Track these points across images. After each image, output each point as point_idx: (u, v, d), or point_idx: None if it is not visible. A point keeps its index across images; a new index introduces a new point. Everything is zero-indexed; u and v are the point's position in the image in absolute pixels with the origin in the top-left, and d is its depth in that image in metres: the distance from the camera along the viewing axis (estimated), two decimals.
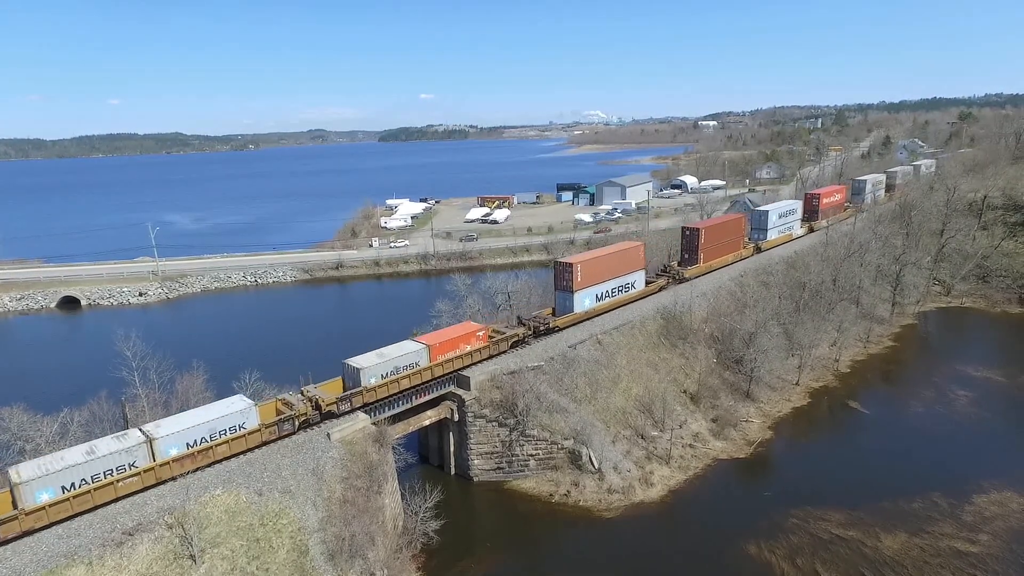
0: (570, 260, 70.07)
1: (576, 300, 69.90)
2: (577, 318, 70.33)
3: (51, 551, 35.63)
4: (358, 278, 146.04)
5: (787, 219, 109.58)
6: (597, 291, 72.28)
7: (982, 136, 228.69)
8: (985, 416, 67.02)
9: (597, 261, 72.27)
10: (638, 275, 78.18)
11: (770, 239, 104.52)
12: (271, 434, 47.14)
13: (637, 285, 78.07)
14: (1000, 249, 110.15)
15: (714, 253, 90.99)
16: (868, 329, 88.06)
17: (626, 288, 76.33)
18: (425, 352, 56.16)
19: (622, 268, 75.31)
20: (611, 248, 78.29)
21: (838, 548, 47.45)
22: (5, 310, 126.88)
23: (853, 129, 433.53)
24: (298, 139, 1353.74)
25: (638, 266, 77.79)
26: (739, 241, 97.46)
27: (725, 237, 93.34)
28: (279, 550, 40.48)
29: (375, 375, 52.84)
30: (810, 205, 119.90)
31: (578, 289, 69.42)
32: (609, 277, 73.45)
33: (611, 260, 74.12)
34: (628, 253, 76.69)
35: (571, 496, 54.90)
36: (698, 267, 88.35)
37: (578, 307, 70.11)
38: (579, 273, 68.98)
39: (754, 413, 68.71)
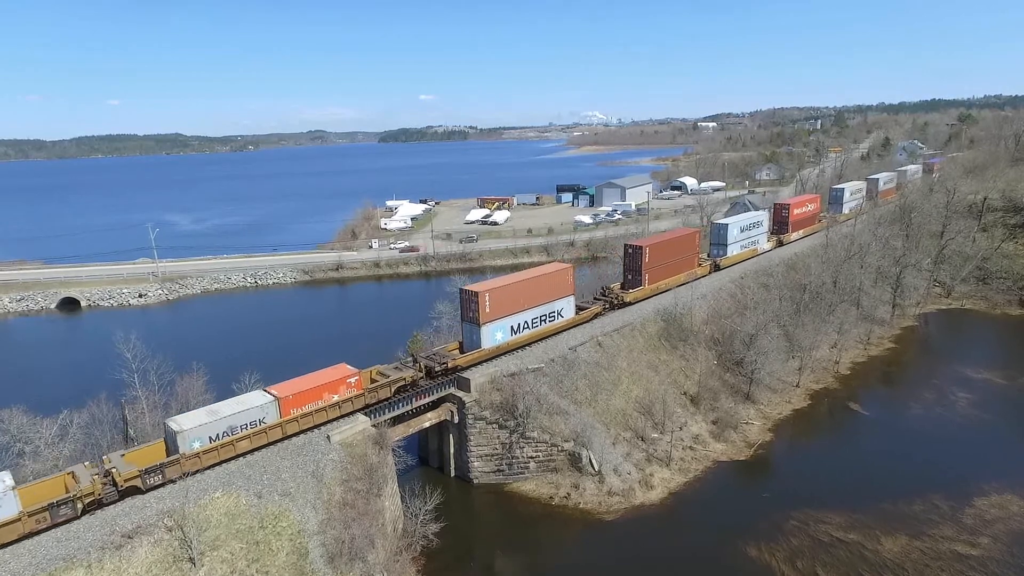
0: (476, 288, 60.58)
1: (484, 334, 60.28)
2: (485, 355, 60.57)
3: (50, 554, 35.55)
4: (358, 279, 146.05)
5: (751, 232, 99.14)
6: (512, 323, 62.61)
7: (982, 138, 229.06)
8: (985, 418, 66.97)
9: (511, 288, 62.52)
10: (566, 302, 68.43)
11: (731, 255, 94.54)
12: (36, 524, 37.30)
13: (565, 313, 68.50)
14: (1000, 251, 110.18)
15: (662, 273, 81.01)
16: (868, 331, 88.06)
17: (552, 317, 66.91)
18: (274, 406, 47.26)
19: (546, 294, 65.83)
20: (532, 272, 68.19)
21: (838, 550, 47.38)
22: (5, 311, 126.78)
23: (852, 130, 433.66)
24: (298, 140, 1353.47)
25: (566, 291, 68.12)
26: (693, 259, 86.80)
27: (675, 255, 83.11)
28: (279, 553, 40.41)
29: (200, 438, 44.09)
30: (779, 217, 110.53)
31: (486, 321, 59.84)
32: (528, 305, 63.94)
33: (530, 286, 64.45)
34: (553, 277, 67.11)
35: (571, 498, 54.81)
36: (642, 290, 78.60)
37: (487, 342, 60.58)
38: (487, 303, 59.47)
39: (754, 415, 68.66)
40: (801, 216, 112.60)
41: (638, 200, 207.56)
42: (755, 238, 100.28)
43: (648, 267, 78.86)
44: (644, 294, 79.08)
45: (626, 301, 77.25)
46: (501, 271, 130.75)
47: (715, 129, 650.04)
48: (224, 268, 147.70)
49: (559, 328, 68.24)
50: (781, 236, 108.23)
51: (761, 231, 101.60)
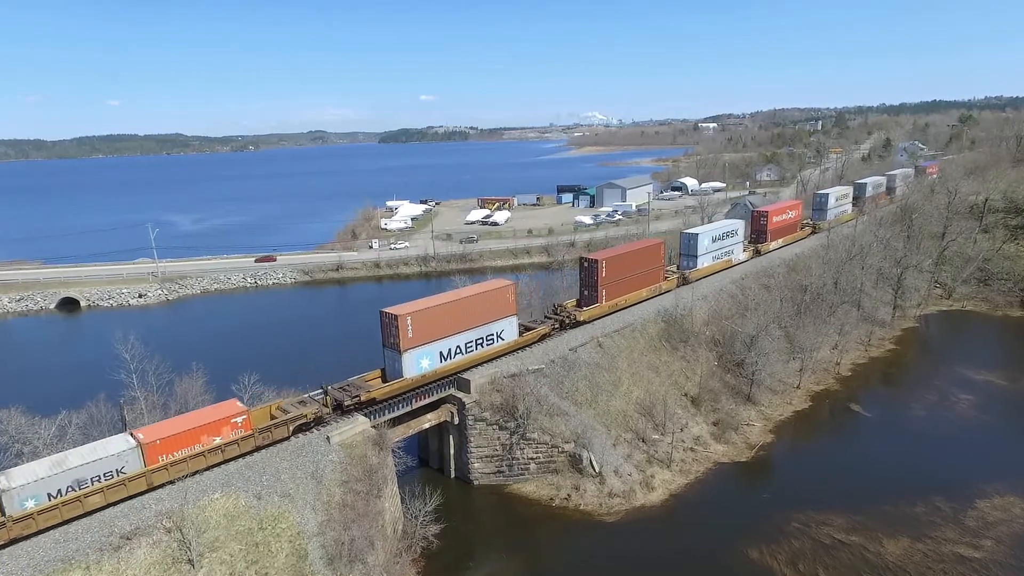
0: (396, 310, 53.96)
1: (407, 362, 54.02)
2: (406, 385, 54.30)
3: (48, 556, 35.36)
4: (358, 280, 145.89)
5: (725, 242, 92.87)
6: (441, 348, 56.38)
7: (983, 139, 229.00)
8: (987, 420, 66.79)
9: (439, 310, 56.30)
10: (507, 323, 62.13)
11: (701, 267, 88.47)
12: None
13: (507, 335, 62.29)
14: (1001, 252, 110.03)
15: (621, 288, 75.04)
16: (869, 332, 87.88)
17: (490, 340, 60.71)
18: (136, 453, 40.81)
19: (482, 315, 59.54)
20: (465, 291, 61.66)
21: (840, 553, 47.20)
22: (4, 311, 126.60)
23: (853, 131, 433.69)
24: (298, 140, 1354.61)
25: (506, 311, 61.89)
26: (658, 272, 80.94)
27: (637, 268, 77.02)
28: (278, 554, 40.22)
29: (37, 496, 37.33)
30: (757, 225, 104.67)
31: (409, 348, 53.79)
32: (461, 328, 57.89)
33: (463, 307, 58.19)
34: (491, 297, 60.60)
35: (572, 500, 54.63)
36: (599, 307, 72.71)
37: (410, 370, 54.33)
38: (409, 326, 53.37)
39: (755, 416, 68.46)
40: (781, 224, 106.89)
41: (639, 201, 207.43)
42: (729, 248, 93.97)
43: (605, 282, 72.46)
44: (600, 312, 72.92)
45: (579, 320, 70.73)
46: (502, 271, 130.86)
47: (716, 130, 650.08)
48: (224, 268, 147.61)
49: (499, 352, 61.80)
50: (759, 245, 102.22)
51: (736, 240, 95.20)
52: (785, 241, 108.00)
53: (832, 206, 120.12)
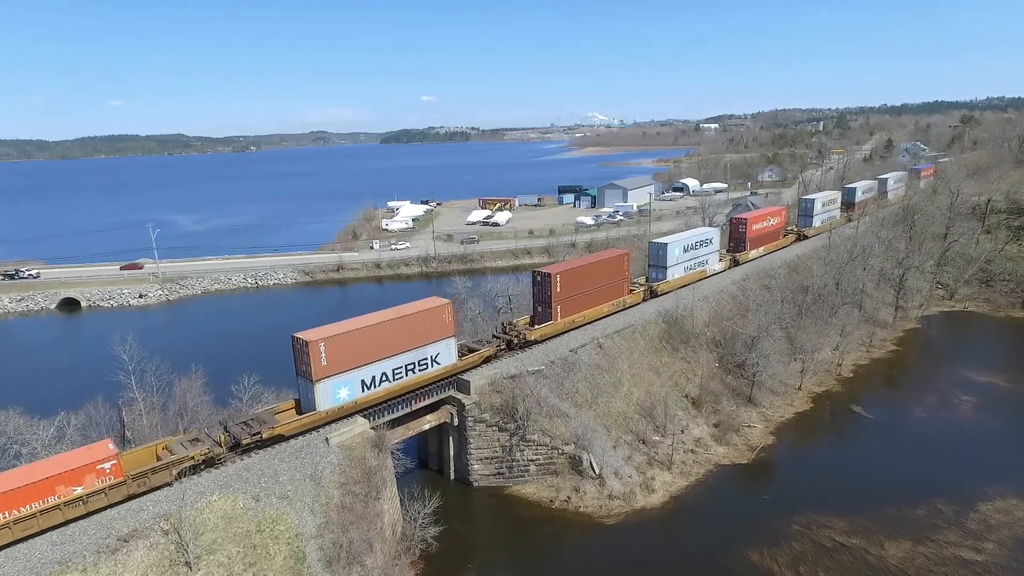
0: (309, 335, 48.07)
1: (321, 393, 48.21)
2: (320, 419, 48.75)
3: (44, 558, 35.21)
4: (359, 280, 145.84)
5: (698, 252, 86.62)
6: (364, 375, 50.80)
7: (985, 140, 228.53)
8: (989, 421, 66.48)
9: (361, 334, 50.22)
10: (444, 345, 56.13)
11: (672, 279, 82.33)
12: None
13: (443, 359, 56.42)
14: (1004, 253, 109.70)
15: (579, 304, 69.33)
16: (871, 333, 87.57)
17: (424, 365, 54.84)
18: None
19: (414, 338, 53.77)
20: (394, 312, 54.09)
21: (841, 556, 46.93)
22: (5, 311, 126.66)
23: (855, 132, 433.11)
24: (299, 141, 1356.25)
25: (443, 332, 55.87)
26: (621, 285, 74.83)
27: (597, 282, 71.41)
28: (276, 557, 40.06)
29: None
30: (735, 233, 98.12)
31: (323, 377, 48.09)
32: (389, 353, 52.06)
33: (391, 329, 52.15)
34: (424, 317, 54.43)
35: (572, 502, 54.40)
36: (552, 325, 66.82)
37: (325, 402, 48.66)
38: (322, 353, 47.65)
39: (756, 418, 68.19)
40: (761, 232, 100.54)
41: (640, 201, 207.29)
42: (703, 258, 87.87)
43: (560, 298, 66.79)
44: (554, 330, 67.15)
45: (529, 340, 65.17)
46: (503, 272, 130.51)
47: (717, 130, 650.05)
48: (224, 269, 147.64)
49: (435, 378, 56.37)
50: (737, 255, 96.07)
51: (710, 250, 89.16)
52: (767, 249, 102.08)
53: (819, 212, 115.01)
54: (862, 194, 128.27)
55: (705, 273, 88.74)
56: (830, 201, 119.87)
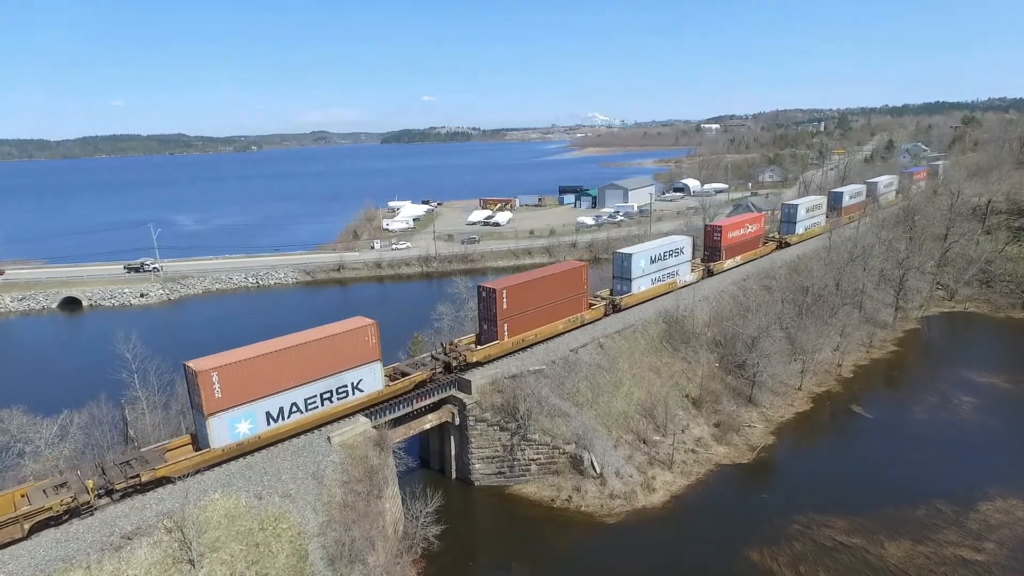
0: (200, 364, 42.83)
1: (216, 428, 43.15)
2: (214, 457, 43.57)
3: (49, 555, 35.37)
4: (360, 280, 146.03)
5: (667, 263, 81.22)
6: (269, 407, 45.45)
7: (986, 140, 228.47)
8: (989, 422, 66.62)
9: (265, 361, 44.98)
10: (368, 370, 51.01)
11: (637, 292, 77.13)
12: None
13: (368, 385, 51.13)
14: (1004, 254, 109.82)
15: (529, 322, 63.43)
16: (871, 334, 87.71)
17: (340, 393, 49.65)
18: None
19: (331, 363, 48.57)
20: (308, 335, 48.70)
21: (841, 555, 47.08)
22: (7, 310, 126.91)
23: (856, 132, 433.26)
24: (301, 140, 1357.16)
25: (366, 356, 50.72)
26: (579, 300, 69.19)
27: (551, 297, 65.47)
28: (279, 555, 40.23)
29: None
30: (710, 241, 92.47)
31: (217, 411, 42.86)
32: (300, 380, 46.98)
33: (302, 355, 46.90)
34: (343, 340, 49.12)
35: (573, 501, 54.57)
36: (498, 345, 61.11)
37: (221, 438, 43.60)
38: (216, 385, 42.36)
39: (757, 418, 68.36)
40: (738, 240, 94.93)
41: (640, 202, 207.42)
42: (673, 269, 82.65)
43: (506, 315, 60.99)
44: (500, 350, 61.43)
45: (470, 361, 59.47)
46: (503, 272, 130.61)
47: (718, 131, 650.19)
48: (225, 268, 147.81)
49: (356, 407, 51.19)
50: (711, 264, 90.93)
51: (682, 260, 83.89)
52: (744, 258, 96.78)
53: (802, 218, 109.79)
54: (850, 198, 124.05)
55: (675, 285, 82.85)
56: (814, 206, 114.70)
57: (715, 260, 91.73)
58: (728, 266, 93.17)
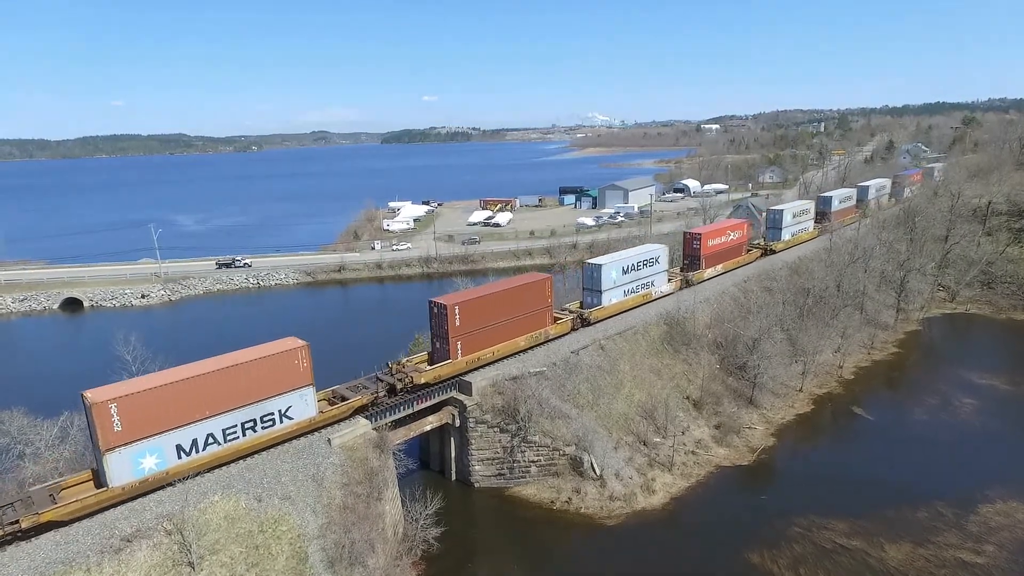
0: (96, 394, 38.90)
1: (115, 464, 39.03)
2: (114, 496, 39.46)
3: (48, 558, 35.37)
4: (360, 281, 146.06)
5: (641, 273, 77.72)
6: (180, 440, 41.56)
7: (986, 141, 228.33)
8: (990, 424, 66.57)
9: (170, 391, 40.67)
10: (298, 396, 46.91)
11: (607, 304, 73.63)
12: None
13: (297, 412, 47.16)
14: (1005, 255, 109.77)
15: (485, 339, 59.61)
16: (872, 335, 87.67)
17: (266, 422, 45.59)
18: None
19: (251, 391, 44.31)
20: (227, 359, 44.58)
21: (842, 557, 47.03)
22: (8, 311, 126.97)
23: (856, 133, 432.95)
24: (301, 140, 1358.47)
25: (296, 381, 46.58)
26: (543, 314, 65.37)
27: (510, 312, 61.57)
28: (278, 557, 40.21)
29: None
30: (689, 249, 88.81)
31: (116, 446, 38.68)
32: (213, 411, 42.74)
33: (214, 382, 42.57)
34: (267, 364, 44.94)
35: (572, 503, 54.55)
36: (452, 364, 57.03)
37: (122, 475, 39.47)
38: (115, 417, 38.41)
39: (757, 420, 68.32)
40: (719, 248, 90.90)
41: (641, 202, 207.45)
42: (647, 279, 78.89)
43: (459, 332, 57.01)
44: (452, 370, 57.23)
45: (419, 383, 55.15)
46: (503, 272, 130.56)
47: (718, 131, 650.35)
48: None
49: (285, 436, 47.08)
50: (689, 274, 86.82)
51: (657, 270, 79.96)
52: (726, 267, 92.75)
53: (788, 224, 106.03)
54: (839, 203, 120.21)
55: (650, 296, 79.71)
56: (801, 212, 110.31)
57: (694, 269, 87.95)
58: (708, 275, 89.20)
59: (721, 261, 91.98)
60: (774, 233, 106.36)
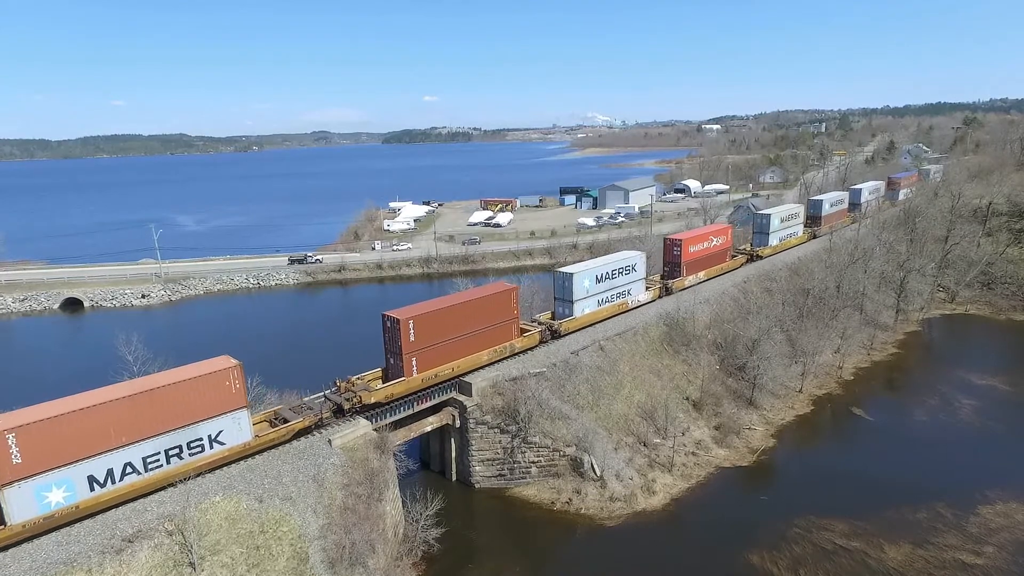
0: None
1: (15, 500, 35.94)
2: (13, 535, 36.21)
3: (50, 558, 35.49)
4: (361, 281, 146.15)
5: (616, 282, 73.88)
6: (92, 470, 38.43)
7: (987, 142, 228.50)
8: (989, 425, 66.63)
9: (77, 419, 37.44)
10: (230, 420, 43.55)
11: (580, 315, 70.10)
12: None
13: (229, 437, 43.87)
14: (1005, 256, 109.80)
15: (444, 354, 55.97)
16: (872, 336, 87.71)
17: (193, 448, 42.30)
18: None
19: (175, 416, 41.05)
20: (148, 381, 42.21)
21: (841, 558, 47.12)
22: (8, 311, 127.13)
23: (857, 133, 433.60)
24: (302, 141, 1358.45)
25: (229, 404, 43.24)
26: (508, 327, 61.96)
27: (471, 325, 58.07)
28: (279, 558, 40.32)
29: None
30: (669, 256, 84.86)
31: (14, 480, 35.74)
32: (130, 438, 39.51)
33: (129, 408, 39.36)
34: (191, 387, 41.46)
35: (573, 504, 54.66)
36: (406, 382, 53.63)
37: (24, 510, 36.36)
38: (13, 448, 35.36)
39: (757, 420, 68.40)
40: (701, 254, 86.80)
41: (641, 203, 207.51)
42: (623, 288, 75.35)
43: (414, 348, 53.30)
44: (407, 388, 53.75)
45: (368, 403, 51.72)
46: (504, 273, 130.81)
47: (719, 132, 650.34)
48: (227, 269, 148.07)
49: (220, 460, 43.76)
50: (670, 282, 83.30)
51: (633, 278, 76.38)
52: (708, 274, 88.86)
53: (776, 229, 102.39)
54: (830, 207, 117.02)
55: (626, 306, 76.37)
56: (790, 216, 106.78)
57: (675, 277, 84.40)
58: (690, 283, 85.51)
59: (703, 268, 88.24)
60: (761, 238, 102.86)
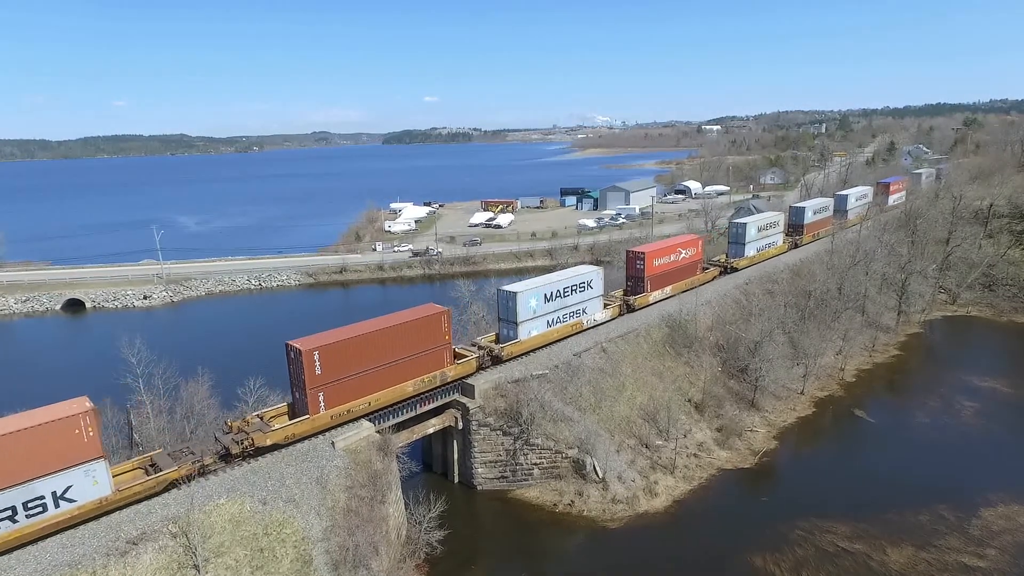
0: None
1: None
2: None
3: (54, 560, 35.57)
4: (362, 282, 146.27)
5: (568, 300, 67.02)
6: None
7: (988, 143, 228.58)
8: (991, 427, 66.70)
9: None
10: (80, 473, 37.19)
11: (526, 338, 63.34)
12: None
13: (79, 494, 37.44)
14: (1006, 258, 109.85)
15: (359, 388, 49.81)
16: (873, 338, 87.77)
17: (32, 509, 36.10)
18: None
19: (9, 471, 35.03)
20: None
21: (844, 561, 47.17)
22: (10, 312, 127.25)
23: (857, 134, 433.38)
24: (302, 141, 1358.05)
25: (80, 455, 36.99)
26: (440, 353, 55.07)
27: (393, 354, 51.56)
28: (283, 560, 40.42)
29: None
30: (632, 270, 77.83)
31: None
32: None
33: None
34: (28, 437, 35.27)
35: (575, 506, 54.72)
36: (311, 421, 47.61)
37: None
38: None
39: (759, 422, 68.46)
40: (667, 268, 79.85)
41: (642, 204, 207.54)
42: (578, 307, 68.60)
43: (321, 382, 47.34)
44: (311, 428, 47.76)
45: (263, 445, 45.59)
46: (505, 274, 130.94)
47: (719, 132, 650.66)
48: (228, 270, 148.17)
49: (63, 523, 37.33)
50: (632, 299, 76.37)
51: (589, 295, 69.73)
52: (675, 289, 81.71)
53: (752, 239, 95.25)
54: (812, 214, 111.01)
55: (581, 326, 69.62)
56: (768, 225, 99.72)
57: (638, 293, 77.45)
58: (655, 299, 79.12)
59: (670, 283, 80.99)
60: (736, 249, 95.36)
